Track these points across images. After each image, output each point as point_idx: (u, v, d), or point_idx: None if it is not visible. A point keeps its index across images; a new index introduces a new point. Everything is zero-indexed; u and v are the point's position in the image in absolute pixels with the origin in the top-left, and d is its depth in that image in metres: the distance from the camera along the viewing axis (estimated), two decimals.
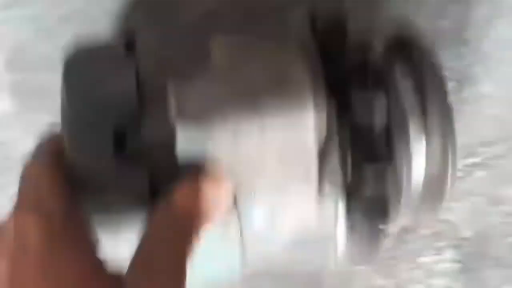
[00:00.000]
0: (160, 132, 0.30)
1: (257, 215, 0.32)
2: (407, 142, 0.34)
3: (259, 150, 0.30)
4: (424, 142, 0.35)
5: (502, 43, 0.50)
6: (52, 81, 0.43)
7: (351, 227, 0.36)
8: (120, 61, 0.33)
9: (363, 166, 0.33)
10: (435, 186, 0.37)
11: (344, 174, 0.34)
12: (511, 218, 0.50)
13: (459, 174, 0.50)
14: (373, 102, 0.34)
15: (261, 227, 0.33)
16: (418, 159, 0.36)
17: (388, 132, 0.35)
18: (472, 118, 0.50)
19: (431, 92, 0.36)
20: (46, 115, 0.51)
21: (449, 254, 0.51)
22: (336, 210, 0.34)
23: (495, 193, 0.50)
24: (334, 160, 0.32)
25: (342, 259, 0.36)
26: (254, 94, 0.30)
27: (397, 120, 0.34)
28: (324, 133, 0.31)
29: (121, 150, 0.30)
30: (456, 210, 0.50)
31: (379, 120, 0.34)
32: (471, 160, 0.50)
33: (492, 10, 0.50)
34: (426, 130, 0.36)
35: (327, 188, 0.32)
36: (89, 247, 0.28)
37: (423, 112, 0.36)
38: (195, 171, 0.29)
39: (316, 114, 0.30)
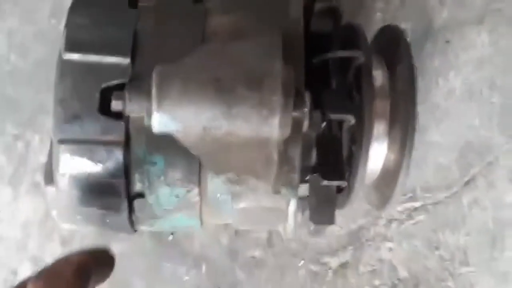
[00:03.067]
0: (139, 108, 0.32)
1: (217, 188, 0.35)
2: (369, 138, 0.36)
3: (225, 139, 0.32)
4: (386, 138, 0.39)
5: (451, 95, 0.52)
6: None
7: (302, 208, 0.38)
8: (122, 13, 0.35)
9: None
10: (389, 178, 0.39)
11: (303, 173, 0.36)
12: (447, 263, 0.52)
13: (399, 216, 0.52)
14: (347, 101, 0.37)
15: (219, 197, 0.35)
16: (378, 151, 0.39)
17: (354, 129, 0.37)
18: (418, 164, 0.52)
19: (401, 99, 0.38)
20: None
21: None
22: (288, 202, 0.36)
23: (433, 238, 0.52)
24: (295, 161, 0.34)
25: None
26: (231, 86, 0.31)
27: (366, 119, 0.36)
28: (288, 133, 0.33)
29: (106, 106, 0.32)
30: (395, 251, 0.52)
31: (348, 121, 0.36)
32: (412, 204, 0.52)
33: (443, 62, 0.52)
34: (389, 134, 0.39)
35: (283, 188, 0.35)
36: None
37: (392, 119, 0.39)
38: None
39: (282, 115, 0.31)
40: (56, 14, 0.50)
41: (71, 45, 0.34)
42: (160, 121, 0.31)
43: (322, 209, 0.38)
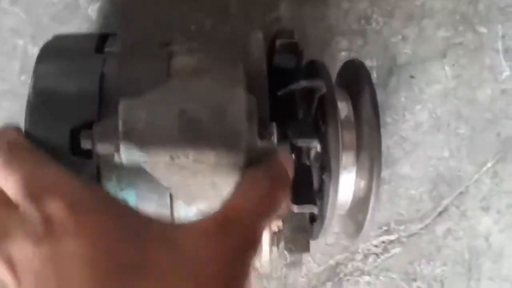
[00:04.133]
0: (107, 145, 0.32)
1: (187, 212, 0.35)
2: (337, 168, 0.37)
3: (193, 167, 0.32)
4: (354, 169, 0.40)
5: (419, 128, 0.53)
6: None
7: (277, 241, 0.39)
8: (89, 59, 0.36)
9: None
10: (361, 206, 0.40)
11: None
12: None
13: (375, 250, 0.53)
14: (312, 128, 0.37)
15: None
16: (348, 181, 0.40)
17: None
18: (390, 198, 0.53)
19: (365, 125, 0.40)
20: None
21: None
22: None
23: (410, 270, 0.53)
24: None
25: None
26: (195, 116, 0.32)
27: (333, 148, 0.37)
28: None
29: (76, 147, 0.33)
30: (372, 285, 0.53)
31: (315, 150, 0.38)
32: (387, 238, 0.53)
33: (408, 97, 0.53)
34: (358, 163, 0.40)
35: None
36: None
37: (358, 148, 0.40)
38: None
39: (247, 140, 0.32)
40: (26, 70, 0.51)
41: (39, 92, 0.35)
42: (128, 153, 0.32)
43: (296, 237, 0.39)
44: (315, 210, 0.37)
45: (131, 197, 0.35)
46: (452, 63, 0.54)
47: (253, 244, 0.29)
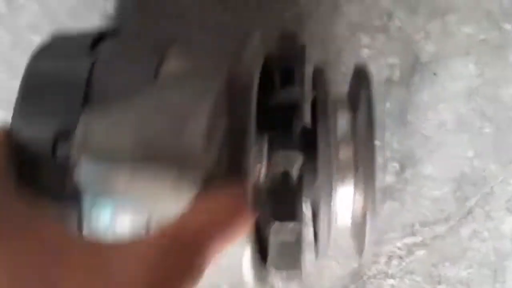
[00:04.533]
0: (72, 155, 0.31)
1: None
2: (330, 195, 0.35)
3: (148, 191, 0.30)
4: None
5: (442, 127, 0.52)
6: None
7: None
8: (78, 60, 0.35)
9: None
10: (360, 225, 0.38)
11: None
12: None
13: (399, 252, 0.51)
14: (294, 139, 0.35)
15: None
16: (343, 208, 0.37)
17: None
18: (413, 199, 0.52)
19: (360, 146, 0.37)
20: None
21: None
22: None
23: (435, 273, 0.51)
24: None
25: None
26: (153, 131, 0.30)
27: (322, 168, 0.35)
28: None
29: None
30: None
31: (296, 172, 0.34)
32: (411, 240, 0.51)
33: (431, 95, 0.52)
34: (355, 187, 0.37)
35: None
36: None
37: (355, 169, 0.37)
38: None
39: (199, 175, 0.29)
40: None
41: (25, 91, 0.34)
42: (85, 169, 0.30)
43: (283, 254, 0.36)
44: (297, 227, 0.34)
45: (107, 211, 0.33)
46: (475, 60, 0.52)
47: (195, 270, 0.26)
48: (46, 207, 0.32)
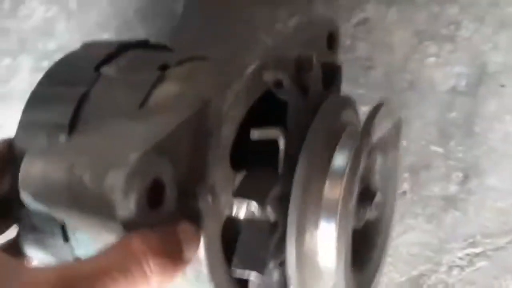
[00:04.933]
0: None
1: None
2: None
3: (85, 230, 0.32)
4: None
5: (508, 138, 0.52)
6: None
7: None
8: (82, 77, 0.37)
9: None
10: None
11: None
12: None
13: (460, 262, 0.51)
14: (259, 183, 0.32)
15: None
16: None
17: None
18: (476, 209, 0.51)
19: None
20: None
21: None
22: None
23: (496, 285, 0.51)
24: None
25: None
26: (78, 180, 0.29)
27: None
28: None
29: None
30: None
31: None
32: (472, 250, 0.51)
33: (498, 106, 0.52)
34: None
35: None
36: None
37: None
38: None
39: (116, 222, 0.28)
40: None
41: (31, 101, 0.38)
42: (28, 203, 0.31)
43: None
44: (258, 279, 0.32)
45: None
46: None
47: None
48: None
